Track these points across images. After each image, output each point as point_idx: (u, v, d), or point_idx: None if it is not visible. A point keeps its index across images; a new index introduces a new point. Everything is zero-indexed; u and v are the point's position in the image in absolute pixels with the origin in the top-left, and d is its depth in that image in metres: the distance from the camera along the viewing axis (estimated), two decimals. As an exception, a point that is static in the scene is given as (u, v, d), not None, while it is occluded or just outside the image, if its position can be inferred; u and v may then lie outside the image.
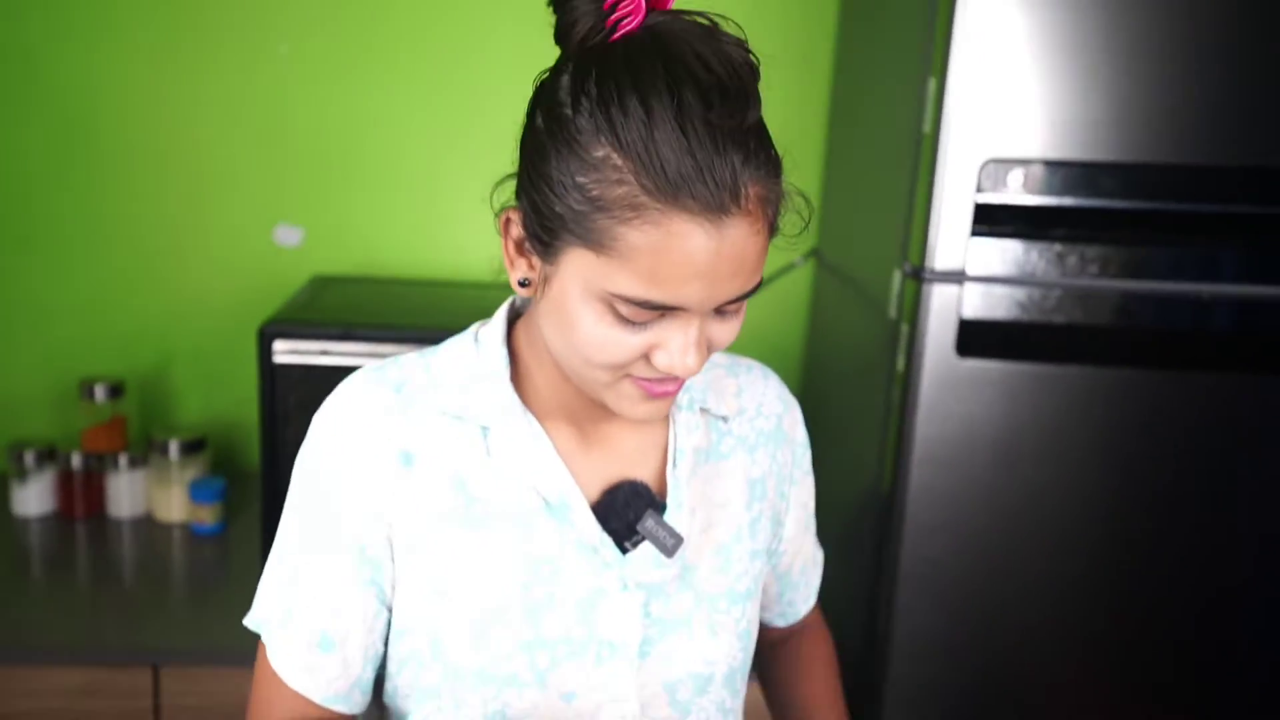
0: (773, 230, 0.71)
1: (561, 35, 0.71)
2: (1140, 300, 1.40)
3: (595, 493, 0.82)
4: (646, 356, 0.71)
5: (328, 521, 0.78)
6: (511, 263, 0.76)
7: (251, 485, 1.94)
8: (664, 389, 0.73)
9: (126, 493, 1.80)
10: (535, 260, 0.73)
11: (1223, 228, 1.39)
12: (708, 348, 0.72)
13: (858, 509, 1.57)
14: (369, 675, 0.82)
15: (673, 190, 0.64)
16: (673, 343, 0.70)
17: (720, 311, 0.71)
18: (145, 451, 1.81)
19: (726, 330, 0.73)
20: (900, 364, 1.43)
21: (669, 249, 0.65)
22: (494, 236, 0.76)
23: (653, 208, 0.64)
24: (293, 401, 1.55)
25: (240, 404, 1.96)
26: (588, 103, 0.66)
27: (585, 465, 0.82)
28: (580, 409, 0.82)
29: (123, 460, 1.79)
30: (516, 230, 0.74)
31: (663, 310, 0.68)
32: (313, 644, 0.79)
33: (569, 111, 0.67)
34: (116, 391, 1.81)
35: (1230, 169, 1.35)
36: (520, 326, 0.83)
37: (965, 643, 1.49)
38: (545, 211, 0.69)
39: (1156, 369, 1.40)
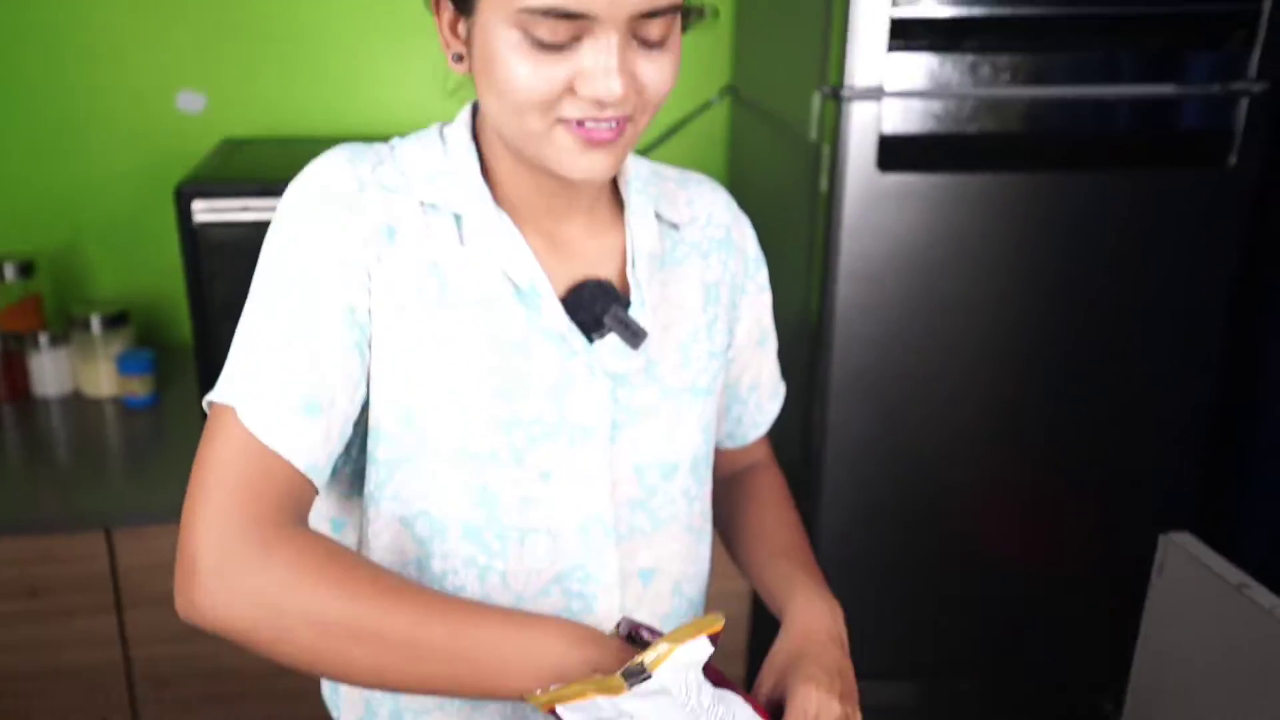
0: None
1: None
2: (1047, 106, 1.45)
3: (561, 291, 0.84)
4: (573, 90, 0.72)
5: (314, 283, 0.76)
6: (447, 44, 0.78)
7: (180, 358, 1.91)
8: (599, 135, 0.74)
9: (51, 371, 1.77)
10: (462, 26, 0.76)
11: (1120, 29, 1.45)
12: (638, 88, 0.74)
13: (790, 332, 1.62)
14: (338, 453, 0.78)
15: None
16: (594, 65, 0.71)
17: (644, 43, 0.73)
18: (66, 329, 1.77)
19: (654, 68, 0.74)
20: (824, 185, 1.47)
21: None
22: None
23: None
24: (217, 263, 1.52)
25: (160, 276, 1.92)
26: None
27: (551, 265, 0.84)
28: (541, 207, 0.84)
29: (43, 339, 1.75)
30: (447, 10, 0.77)
31: (574, 20, 0.69)
32: (297, 408, 0.73)
33: None
34: (27, 270, 1.75)
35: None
36: (479, 127, 0.84)
37: (895, 449, 1.57)
38: None
39: (1064, 171, 1.47)
